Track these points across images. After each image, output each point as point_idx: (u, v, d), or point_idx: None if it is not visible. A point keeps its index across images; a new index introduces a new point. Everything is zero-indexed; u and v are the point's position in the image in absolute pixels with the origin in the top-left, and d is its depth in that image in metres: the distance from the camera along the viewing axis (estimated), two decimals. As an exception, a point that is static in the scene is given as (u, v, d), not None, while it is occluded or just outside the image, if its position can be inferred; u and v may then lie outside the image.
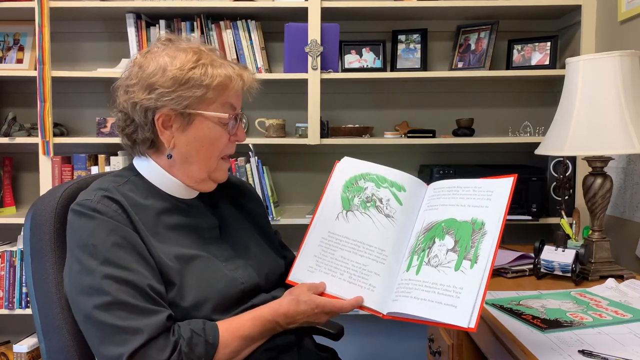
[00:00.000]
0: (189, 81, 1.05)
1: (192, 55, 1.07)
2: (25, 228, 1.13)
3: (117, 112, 1.11)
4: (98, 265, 0.97)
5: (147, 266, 1.00)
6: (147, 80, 1.05)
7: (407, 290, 1.01)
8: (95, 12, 2.33)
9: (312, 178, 2.55)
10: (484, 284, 0.95)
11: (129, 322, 0.94)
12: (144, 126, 1.07)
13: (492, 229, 1.00)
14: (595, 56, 1.54)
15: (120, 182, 1.09)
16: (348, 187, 1.18)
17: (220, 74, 1.07)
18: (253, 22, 2.32)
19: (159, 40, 1.12)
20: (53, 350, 1.09)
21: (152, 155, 1.12)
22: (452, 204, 1.08)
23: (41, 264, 1.10)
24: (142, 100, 1.05)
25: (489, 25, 2.36)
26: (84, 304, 0.97)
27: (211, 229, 1.15)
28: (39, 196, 1.18)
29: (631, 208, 1.82)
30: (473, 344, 1.46)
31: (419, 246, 1.06)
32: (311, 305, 1.05)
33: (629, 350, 1.04)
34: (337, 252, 1.12)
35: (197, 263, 1.07)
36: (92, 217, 1.01)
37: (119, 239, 1.00)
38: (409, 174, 1.18)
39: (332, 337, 1.47)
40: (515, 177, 1.04)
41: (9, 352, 2.35)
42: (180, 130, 1.08)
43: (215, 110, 1.08)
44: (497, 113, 2.52)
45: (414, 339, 2.54)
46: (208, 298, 1.04)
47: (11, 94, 2.53)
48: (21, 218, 2.27)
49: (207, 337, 0.98)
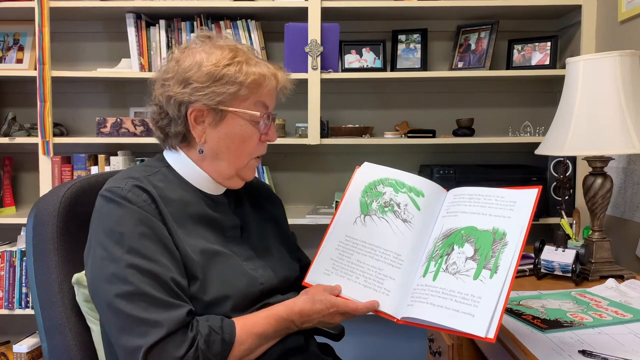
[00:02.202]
0: (223, 77, 1.06)
1: (228, 53, 1.08)
2: (27, 227, 1.13)
3: (152, 105, 1.13)
4: (123, 253, 0.97)
5: (171, 259, 1.01)
6: (182, 74, 1.07)
7: (423, 296, 1.01)
8: (95, 12, 2.33)
9: (312, 178, 2.55)
10: (504, 295, 0.93)
11: (150, 314, 0.94)
12: (177, 120, 1.08)
13: (514, 240, 0.99)
14: (595, 56, 1.54)
15: (150, 172, 1.10)
16: (367, 191, 1.19)
17: (255, 72, 1.08)
18: (253, 22, 2.32)
19: (197, 37, 1.14)
20: (55, 350, 1.09)
21: (183, 149, 1.13)
22: (472, 211, 1.07)
23: (44, 263, 1.10)
24: (177, 94, 1.06)
25: (489, 25, 2.36)
26: (106, 291, 0.96)
27: (233, 227, 1.15)
28: (41, 195, 1.18)
29: (631, 208, 1.82)
30: (473, 344, 1.46)
31: (436, 252, 1.06)
32: (326, 305, 1.05)
33: (629, 350, 1.04)
34: (354, 255, 1.12)
35: (219, 259, 1.07)
36: (121, 205, 1.01)
37: (146, 230, 1.00)
38: (428, 180, 1.18)
39: (332, 337, 1.47)
40: (539, 189, 1.03)
41: (9, 352, 2.35)
42: (212, 126, 1.09)
43: (248, 108, 1.09)
44: (497, 113, 2.52)
45: (414, 339, 2.54)
46: (229, 295, 1.04)
47: (11, 94, 2.52)
48: (21, 218, 2.29)
49: (224, 335, 0.98)
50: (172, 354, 0.93)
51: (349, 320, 1.10)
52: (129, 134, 2.29)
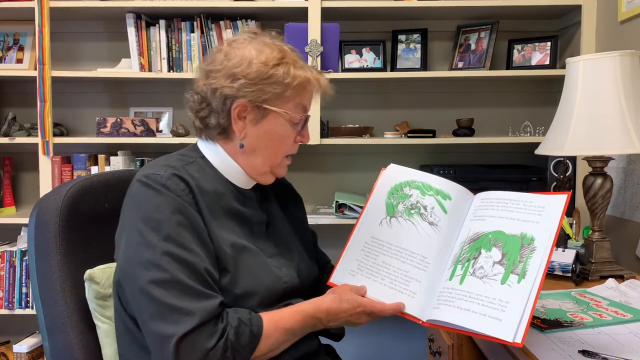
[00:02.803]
0: (271, 77, 1.07)
1: (278, 53, 1.09)
2: (29, 226, 1.13)
3: (193, 94, 1.13)
4: (160, 240, 0.97)
5: (206, 250, 1.01)
6: (231, 69, 1.07)
7: (450, 299, 1.01)
8: (95, 12, 2.33)
9: (312, 178, 2.55)
10: (532, 301, 0.94)
11: (183, 303, 0.94)
12: (219, 112, 1.09)
13: (542, 245, 0.99)
14: (595, 56, 1.54)
15: (187, 161, 1.10)
16: (393, 193, 1.19)
17: (301, 76, 1.10)
18: (253, 22, 2.32)
19: (245, 32, 1.15)
20: (57, 349, 1.09)
21: (220, 141, 1.13)
22: (500, 216, 1.07)
23: (46, 262, 1.11)
24: (224, 88, 1.07)
25: (489, 25, 2.36)
26: (140, 277, 0.96)
27: (260, 223, 1.16)
28: (42, 195, 1.18)
29: (631, 208, 1.82)
30: (473, 344, 1.46)
31: (463, 256, 1.06)
32: (353, 304, 1.06)
33: (629, 350, 1.04)
34: (379, 257, 1.12)
35: (248, 254, 1.08)
36: (160, 192, 1.01)
37: (183, 219, 1.00)
38: (455, 183, 1.18)
39: (333, 337, 1.47)
40: (569, 195, 1.04)
41: (9, 352, 2.35)
42: (253, 123, 1.10)
43: (290, 110, 1.11)
44: (497, 113, 2.52)
45: (414, 339, 2.54)
46: (256, 291, 1.05)
47: (11, 94, 2.53)
48: (21, 218, 2.29)
49: (252, 327, 0.99)
50: (203, 345, 0.93)
51: (349, 320, 1.10)
52: (129, 134, 2.29)
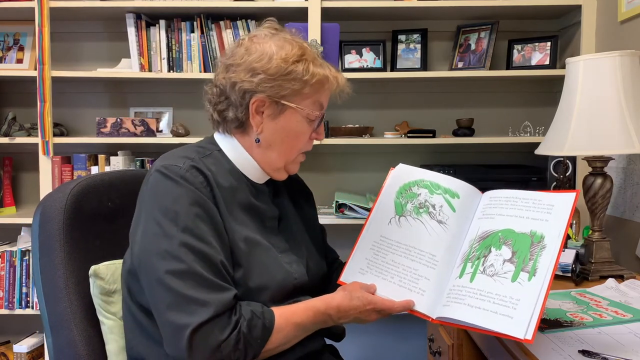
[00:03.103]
0: (290, 73, 1.08)
1: (298, 50, 1.10)
2: (33, 224, 1.14)
3: (212, 87, 1.14)
4: (178, 232, 0.98)
5: (222, 243, 1.02)
6: (251, 63, 1.08)
7: (460, 297, 1.01)
8: (95, 12, 2.33)
9: (312, 178, 2.53)
10: (542, 298, 0.94)
11: (199, 294, 0.95)
12: (238, 106, 1.10)
13: (552, 243, 1.00)
14: (595, 56, 1.54)
15: (204, 154, 1.11)
16: (402, 192, 1.20)
17: (320, 73, 1.11)
18: (253, 22, 2.32)
19: (265, 27, 1.15)
20: (60, 346, 1.10)
21: (237, 135, 1.14)
22: (509, 214, 1.08)
23: (50, 260, 1.11)
24: (243, 82, 1.08)
25: (489, 25, 2.36)
26: (157, 267, 0.97)
27: (272, 218, 1.17)
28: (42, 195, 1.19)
29: (631, 208, 1.82)
30: (473, 344, 1.46)
31: (473, 254, 1.06)
32: (363, 302, 1.07)
33: (629, 350, 1.04)
34: (389, 255, 1.13)
35: (260, 249, 1.08)
36: (179, 184, 1.01)
37: (201, 211, 1.01)
38: (463, 181, 1.19)
39: (334, 337, 1.47)
40: (577, 193, 1.05)
41: (9, 352, 2.35)
42: (270, 118, 1.10)
43: (307, 107, 1.12)
44: (497, 113, 2.52)
45: (414, 339, 2.54)
46: (268, 286, 1.06)
47: (11, 94, 2.53)
48: (21, 218, 2.30)
49: (265, 321, 1.00)
50: (217, 337, 0.94)
51: (349, 319, 1.10)
52: (129, 134, 2.29)
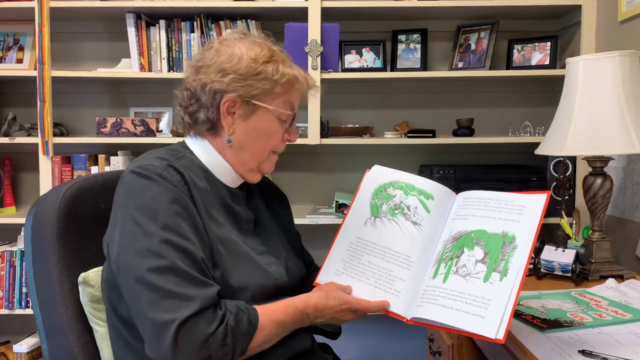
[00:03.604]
0: (261, 73, 1.09)
1: (267, 51, 1.12)
2: (26, 228, 1.12)
3: (183, 90, 1.14)
4: (158, 229, 0.97)
5: (201, 241, 1.02)
6: (221, 64, 1.09)
7: (434, 297, 1.02)
8: (95, 12, 2.33)
9: (312, 178, 2.55)
10: (513, 298, 0.95)
11: (183, 289, 0.94)
12: (209, 107, 1.10)
13: (523, 244, 1.01)
14: (595, 56, 1.54)
15: (177, 155, 1.11)
16: (377, 194, 1.21)
17: (290, 73, 1.12)
18: (253, 22, 2.32)
19: (234, 32, 1.17)
20: (56, 352, 1.08)
21: (208, 137, 1.14)
22: (482, 215, 1.09)
23: (44, 264, 1.09)
24: (214, 82, 1.09)
25: (489, 25, 2.36)
26: (137, 266, 0.96)
27: (248, 221, 1.17)
28: (40, 195, 1.18)
29: (631, 208, 1.82)
30: (473, 344, 1.46)
31: (446, 254, 1.07)
32: (339, 301, 1.07)
33: (629, 350, 1.04)
34: (364, 257, 1.14)
35: (238, 250, 1.08)
36: (157, 182, 1.01)
37: (180, 209, 1.00)
38: (438, 183, 1.19)
39: (330, 336, 1.47)
40: (549, 194, 1.06)
41: (9, 352, 2.35)
42: (242, 118, 1.11)
43: (278, 106, 1.13)
44: (497, 113, 2.52)
45: (414, 339, 2.54)
46: (248, 286, 1.06)
47: (11, 94, 2.52)
48: (21, 218, 2.29)
49: (250, 316, 1.00)
50: (203, 331, 0.93)
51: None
52: (129, 134, 2.29)
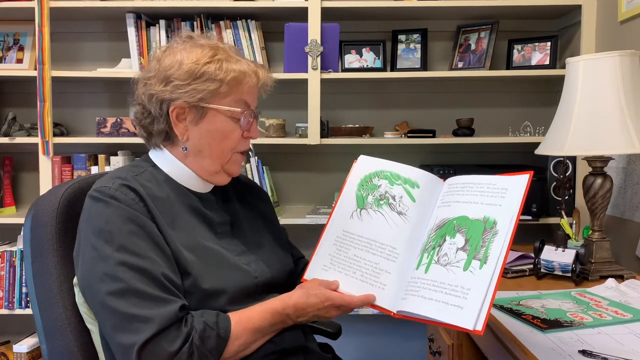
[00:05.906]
0: (203, 75, 1.08)
1: (209, 51, 1.10)
2: (25, 228, 1.12)
3: (136, 105, 1.14)
4: (113, 251, 0.98)
5: (162, 255, 1.01)
6: (163, 73, 1.09)
7: (416, 289, 1.00)
8: (95, 12, 2.33)
9: (312, 178, 2.55)
10: (493, 286, 0.92)
11: (141, 310, 0.94)
12: (159, 118, 1.10)
13: (504, 228, 0.97)
14: (595, 56, 1.54)
15: (137, 172, 1.11)
16: (363, 185, 1.17)
17: (235, 70, 1.10)
18: (253, 22, 2.32)
19: (179, 37, 1.16)
20: (56, 352, 1.08)
21: (167, 147, 1.14)
22: (465, 200, 1.05)
23: (43, 265, 1.09)
24: (158, 92, 1.08)
25: (489, 25, 2.36)
26: (98, 291, 0.97)
27: (223, 224, 1.17)
28: (39, 196, 1.17)
29: (631, 208, 1.82)
30: (473, 344, 1.46)
31: (429, 244, 1.04)
32: (321, 298, 1.06)
33: (629, 350, 1.04)
34: (351, 250, 1.11)
35: (211, 255, 1.08)
36: (109, 204, 1.02)
37: (134, 227, 1.00)
38: (424, 171, 1.15)
39: (330, 335, 1.47)
40: (531, 174, 1.00)
41: (9, 352, 2.35)
42: (193, 123, 1.10)
43: (229, 105, 1.11)
44: (497, 113, 2.52)
45: (414, 339, 2.54)
46: (224, 289, 1.06)
47: (11, 94, 2.52)
48: (21, 218, 2.26)
49: (219, 331, 0.99)
50: (166, 350, 0.94)
51: (349, 319, 1.10)
52: (129, 134, 2.29)
